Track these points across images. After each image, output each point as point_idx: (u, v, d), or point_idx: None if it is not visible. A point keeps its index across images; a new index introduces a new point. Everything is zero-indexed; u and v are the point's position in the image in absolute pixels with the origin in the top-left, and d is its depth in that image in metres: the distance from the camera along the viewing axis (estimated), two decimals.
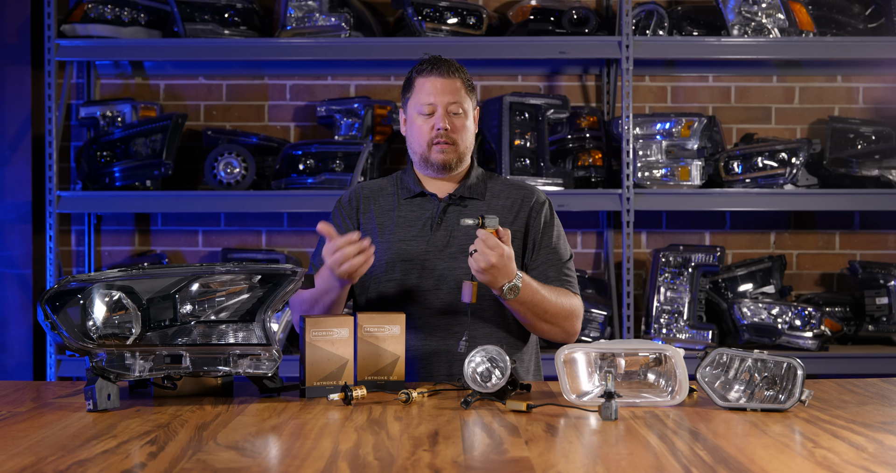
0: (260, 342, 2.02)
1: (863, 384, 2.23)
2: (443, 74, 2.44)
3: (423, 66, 2.46)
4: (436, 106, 2.42)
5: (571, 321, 2.42)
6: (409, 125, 2.49)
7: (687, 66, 4.13)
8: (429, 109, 2.43)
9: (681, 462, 1.53)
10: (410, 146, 2.50)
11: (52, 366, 3.79)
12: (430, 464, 1.51)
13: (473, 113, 2.50)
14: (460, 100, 2.44)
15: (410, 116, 2.48)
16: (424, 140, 2.44)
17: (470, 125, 2.48)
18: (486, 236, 2.20)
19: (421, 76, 2.45)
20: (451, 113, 2.43)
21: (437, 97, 2.42)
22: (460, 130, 2.44)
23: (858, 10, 3.99)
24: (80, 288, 1.93)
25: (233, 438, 1.69)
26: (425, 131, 2.44)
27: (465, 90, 2.46)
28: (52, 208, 3.79)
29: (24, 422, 1.83)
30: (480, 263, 2.20)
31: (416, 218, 2.47)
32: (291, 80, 4.14)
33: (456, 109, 2.43)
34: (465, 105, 2.45)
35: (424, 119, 2.44)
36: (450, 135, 2.43)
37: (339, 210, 2.55)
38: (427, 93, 2.43)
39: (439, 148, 2.43)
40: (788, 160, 3.82)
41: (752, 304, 3.79)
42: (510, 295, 2.27)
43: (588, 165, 3.92)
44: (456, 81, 2.45)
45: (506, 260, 2.22)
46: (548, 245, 2.48)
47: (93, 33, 3.84)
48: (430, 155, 2.45)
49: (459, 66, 2.49)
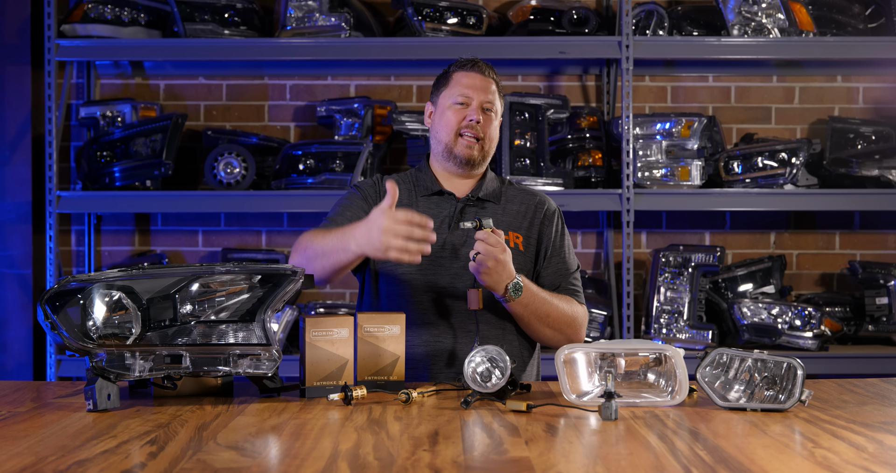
0: (260, 342, 2.02)
1: (863, 384, 2.23)
2: (482, 72, 2.50)
3: (464, 62, 2.52)
4: (472, 99, 2.47)
5: (575, 328, 2.44)
6: (439, 115, 2.51)
7: (687, 66, 4.13)
8: (464, 100, 2.46)
9: (681, 462, 1.52)
10: (436, 136, 2.51)
11: (52, 366, 3.79)
12: (430, 464, 1.51)
13: (498, 121, 2.53)
14: (494, 100, 2.50)
15: (441, 106, 2.50)
16: (453, 129, 2.46)
17: (496, 127, 2.52)
18: (485, 236, 2.22)
19: (462, 71, 2.50)
20: (484, 110, 2.47)
21: (475, 92, 2.47)
22: (488, 129, 2.48)
23: (858, 10, 3.99)
24: (80, 288, 1.93)
25: (233, 438, 1.69)
26: (455, 121, 2.46)
27: (498, 94, 2.52)
28: (52, 208, 3.79)
29: (24, 422, 1.82)
30: (487, 262, 2.22)
31: (434, 216, 2.47)
32: (291, 80, 4.14)
33: (489, 108, 2.48)
34: (496, 107, 2.51)
35: (457, 109, 2.47)
36: (480, 128, 2.46)
37: (359, 191, 2.52)
38: (465, 86, 2.47)
39: (466, 142, 2.46)
40: (788, 160, 3.82)
41: (752, 304, 3.79)
42: (515, 295, 2.29)
43: (588, 166, 3.92)
44: (492, 83, 2.51)
45: (507, 257, 2.24)
46: (558, 255, 2.51)
47: (93, 33, 3.84)
48: (456, 147, 2.47)
49: (495, 71, 2.55)
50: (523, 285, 2.30)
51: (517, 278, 2.29)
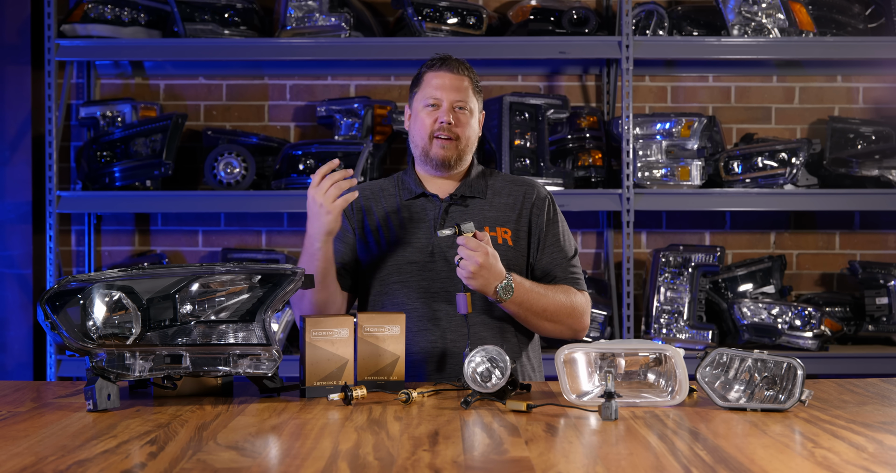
0: (260, 342, 2.02)
1: (863, 384, 2.23)
2: (452, 70, 2.46)
3: (433, 62, 2.49)
4: (442, 101, 2.44)
5: (576, 317, 2.42)
6: (414, 119, 2.49)
7: (687, 66, 4.13)
8: (435, 101, 2.44)
9: (681, 462, 1.52)
10: (413, 140, 2.50)
11: (52, 366, 3.79)
12: (430, 464, 1.51)
13: (479, 115, 2.51)
14: (466, 98, 2.46)
15: (415, 109, 2.49)
16: (426, 133, 2.45)
17: (474, 124, 2.49)
18: (465, 241, 2.22)
19: (431, 71, 2.47)
20: (457, 108, 2.44)
21: (445, 93, 2.44)
22: (464, 126, 2.45)
23: (858, 10, 3.99)
24: (80, 288, 1.93)
25: (233, 438, 1.69)
26: (428, 124, 2.44)
27: (473, 90, 2.48)
28: (52, 208, 3.79)
29: (24, 422, 1.82)
30: (469, 267, 2.21)
31: (419, 219, 2.47)
32: (291, 80, 4.14)
33: (462, 106, 2.45)
34: (470, 104, 2.47)
35: (429, 112, 2.45)
36: (452, 129, 2.43)
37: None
38: (434, 87, 2.44)
39: (440, 143, 2.44)
40: (788, 160, 3.82)
41: (752, 304, 3.79)
42: (506, 295, 2.27)
43: (588, 165, 3.92)
44: (464, 80, 2.46)
45: (492, 259, 2.23)
46: (553, 243, 2.48)
47: (93, 33, 3.84)
48: (431, 149, 2.45)
49: (469, 66, 2.51)
50: (514, 285, 2.29)
51: (507, 279, 2.27)
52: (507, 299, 2.28)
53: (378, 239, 2.46)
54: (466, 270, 2.21)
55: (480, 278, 2.23)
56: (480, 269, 2.22)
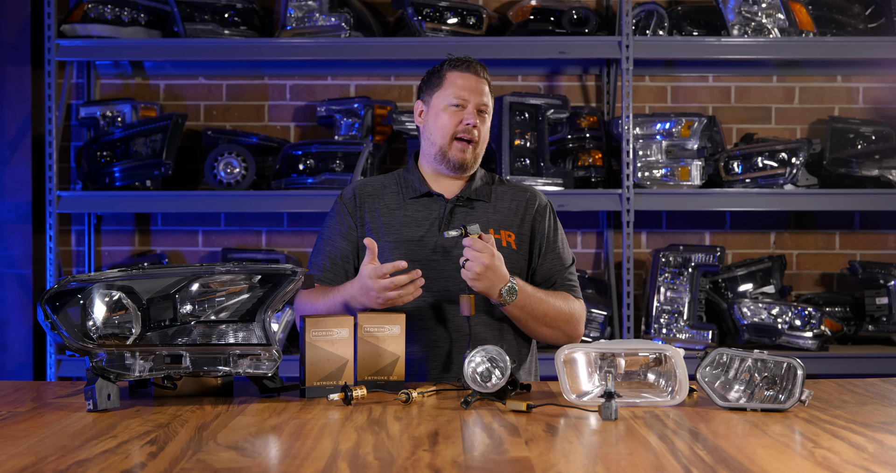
0: (260, 342, 2.02)
1: (863, 384, 2.23)
2: (476, 72, 2.47)
3: (457, 62, 2.48)
4: (468, 102, 2.44)
5: (573, 324, 2.43)
6: (433, 117, 2.47)
7: (687, 66, 4.13)
8: (460, 102, 2.44)
9: (681, 462, 1.52)
10: (429, 137, 2.49)
11: (52, 366, 3.79)
12: (430, 464, 1.51)
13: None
14: (488, 102, 2.48)
15: (436, 108, 2.47)
16: (448, 133, 2.44)
17: (488, 129, 2.51)
18: (472, 242, 2.21)
19: (456, 71, 2.47)
20: (479, 111, 2.45)
21: (471, 94, 2.44)
22: (483, 131, 2.47)
23: (858, 10, 3.99)
24: (80, 288, 1.93)
25: (233, 438, 1.69)
26: (451, 124, 2.44)
27: (490, 95, 2.50)
28: (52, 208, 3.79)
29: (24, 422, 1.82)
30: (475, 268, 2.21)
31: (424, 218, 2.47)
32: (291, 80, 4.14)
33: (484, 110, 2.47)
34: (489, 109, 2.49)
35: (453, 112, 2.44)
36: (473, 131, 2.44)
37: (341, 206, 2.52)
38: (461, 88, 2.44)
39: (461, 146, 2.44)
40: (788, 160, 3.82)
41: (752, 304, 3.79)
42: (510, 298, 2.27)
43: (588, 165, 3.92)
44: (486, 84, 2.49)
45: (497, 262, 2.23)
46: (553, 251, 2.49)
47: (93, 33, 3.84)
48: (450, 151, 2.45)
49: (487, 71, 2.52)
50: (518, 288, 2.29)
51: (511, 282, 2.27)
52: (510, 302, 2.28)
53: (379, 237, 2.46)
54: (472, 271, 2.21)
55: (486, 279, 2.23)
56: (486, 270, 2.22)
